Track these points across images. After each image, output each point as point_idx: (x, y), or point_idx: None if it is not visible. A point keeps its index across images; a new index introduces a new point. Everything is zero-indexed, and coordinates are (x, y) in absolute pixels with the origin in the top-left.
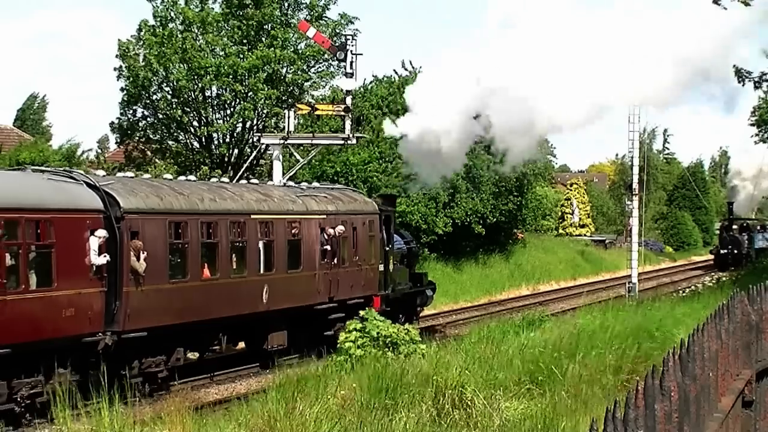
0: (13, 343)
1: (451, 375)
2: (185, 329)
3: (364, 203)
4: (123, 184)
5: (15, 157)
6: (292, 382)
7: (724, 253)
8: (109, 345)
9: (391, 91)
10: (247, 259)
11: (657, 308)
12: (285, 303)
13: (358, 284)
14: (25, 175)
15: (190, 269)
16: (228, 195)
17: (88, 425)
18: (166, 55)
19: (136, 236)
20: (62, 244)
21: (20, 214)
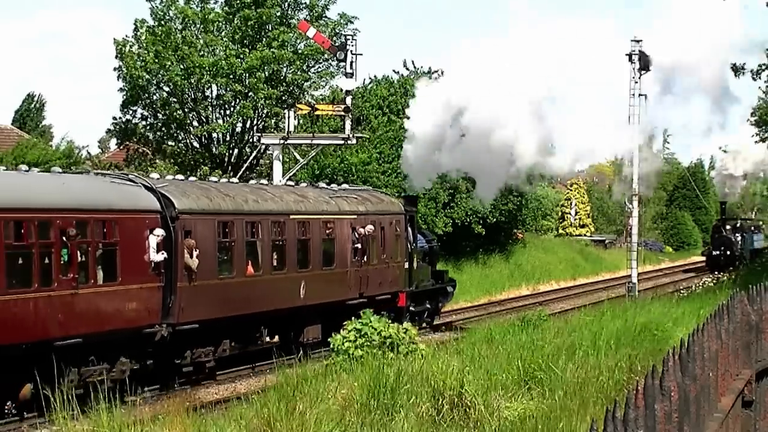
0: (84, 333)
1: (450, 375)
2: (231, 322)
3: (391, 204)
4: (176, 186)
5: (20, 157)
6: (292, 382)
7: (716, 255)
8: (165, 336)
9: (392, 92)
10: (286, 256)
11: (657, 308)
12: (320, 298)
13: (386, 281)
14: (91, 178)
15: (236, 266)
16: (269, 196)
17: (87, 426)
18: (162, 53)
19: (189, 235)
20: (125, 242)
21: (89, 215)
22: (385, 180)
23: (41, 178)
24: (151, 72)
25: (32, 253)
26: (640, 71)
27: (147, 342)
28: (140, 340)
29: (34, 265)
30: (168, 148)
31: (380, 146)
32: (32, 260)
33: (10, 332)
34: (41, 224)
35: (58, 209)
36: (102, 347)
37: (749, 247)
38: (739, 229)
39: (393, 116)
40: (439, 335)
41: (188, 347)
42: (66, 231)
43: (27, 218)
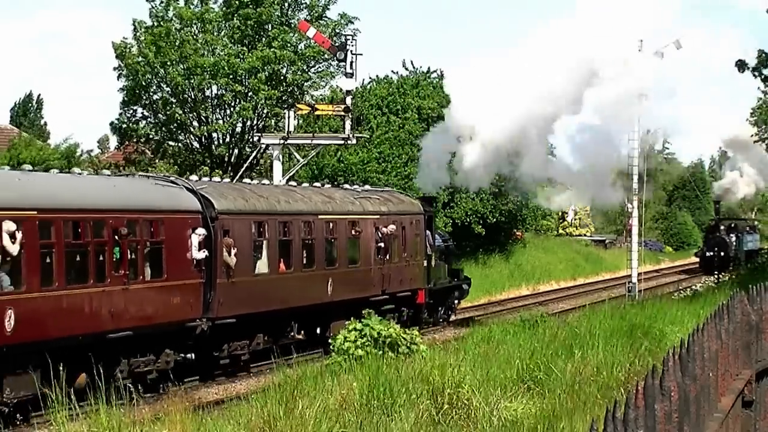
0: (133, 326)
1: (449, 375)
2: (264, 317)
3: (411, 204)
4: (214, 188)
5: (15, 155)
6: (292, 382)
7: (709, 256)
8: (205, 330)
9: (391, 91)
10: (315, 255)
11: (657, 308)
12: (346, 295)
13: (406, 278)
14: (137, 180)
15: (270, 263)
16: (298, 197)
17: (86, 426)
18: (163, 52)
19: (227, 234)
20: (170, 241)
21: (138, 215)
22: (385, 180)
23: (95, 181)
24: (152, 72)
25: (88, 251)
26: None
27: (188, 335)
28: (183, 333)
29: (90, 263)
30: (168, 148)
31: (380, 146)
32: (88, 258)
33: (69, 325)
34: (96, 224)
35: (111, 210)
36: (149, 340)
37: (744, 248)
38: (733, 229)
39: (392, 116)
40: (440, 335)
41: (226, 341)
42: (118, 230)
43: (83, 218)
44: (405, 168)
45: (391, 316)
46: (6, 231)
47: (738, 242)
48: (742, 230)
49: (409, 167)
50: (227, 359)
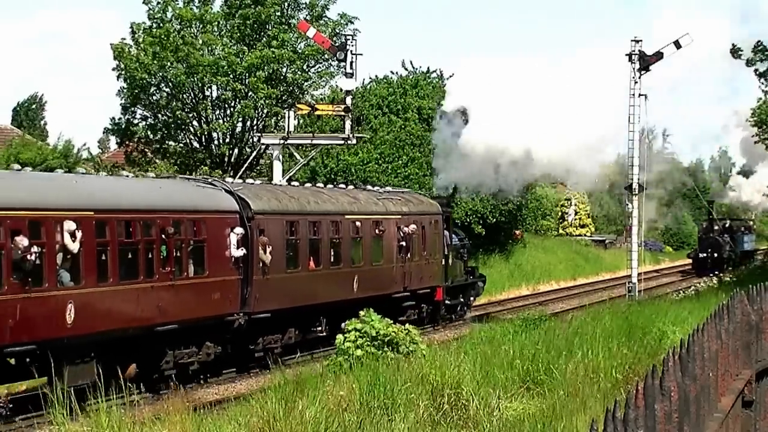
0: (178, 320)
1: (449, 375)
2: (295, 312)
3: (430, 205)
4: (250, 190)
5: (14, 155)
6: (292, 382)
7: (702, 257)
8: (242, 324)
9: (391, 91)
10: (342, 253)
11: (657, 308)
12: (370, 291)
13: (426, 276)
14: (179, 182)
15: (301, 261)
16: (326, 198)
17: (86, 426)
18: (161, 54)
19: (262, 233)
20: (211, 239)
21: (183, 215)
22: (385, 180)
23: (143, 183)
24: (151, 72)
25: (138, 249)
26: (640, 71)
27: (227, 329)
28: (222, 327)
29: (140, 260)
30: (168, 148)
31: (381, 147)
32: (138, 255)
33: (121, 318)
34: (145, 223)
35: (158, 210)
36: (192, 333)
37: (739, 249)
38: (728, 229)
39: (393, 116)
40: (440, 335)
41: (260, 334)
42: (165, 229)
43: (134, 218)
44: (405, 168)
45: (412, 312)
46: (67, 230)
47: (732, 243)
48: (737, 230)
49: (409, 167)
50: (261, 352)
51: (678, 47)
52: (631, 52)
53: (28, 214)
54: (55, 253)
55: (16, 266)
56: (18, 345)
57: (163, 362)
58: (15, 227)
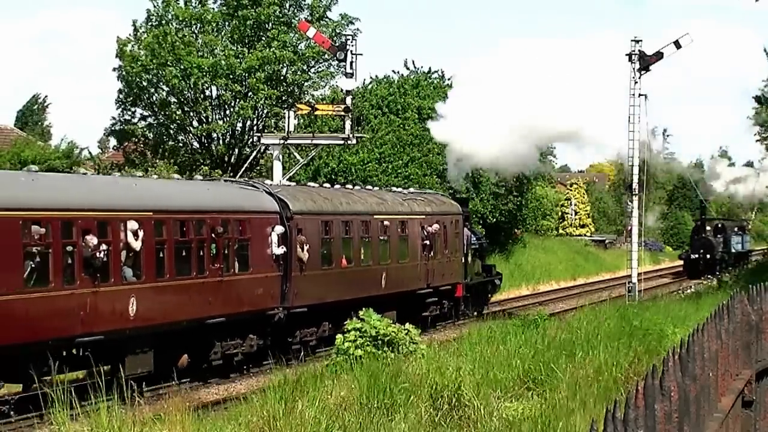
0: (226, 313)
1: (448, 375)
2: (328, 307)
3: (451, 205)
4: (288, 191)
5: (17, 155)
6: (292, 382)
7: (694, 259)
8: (282, 318)
9: (391, 91)
10: (371, 251)
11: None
12: (396, 288)
13: (447, 273)
14: (224, 184)
15: (334, 259)
16: (356, 199)
17: (86, 426)
18: (159, 54)
19: (300, 232)
20: (255, 238)
21: (229, 216)
22: (385, 180)
23: (194, 185)
24: (150, 72)
25: (191, 247)
26: (640, 71)
27: (268, 322)
28: (263, 320)
29: (192, 257)
30: (168, 148)
31: (382, 147)
32: (191, 253)
33: (176, 311)
34: (197, 223)
35: (209, 211)
36: (237, 325)
37: (732, 250)
38: (720, 230)
39: (393, 116)
40: (440, 335)
41: (298, 328)
42: (214, 229)
43: (188, 219)
44: (405, 168)
45: (434, 308)
46: (130, 230)
47: (725, 244)
48: (729, 231)
49: (409, 167)
50: (298, 344)
51: (678, 47)
52: (631, 52)
53: (97, 215)
54: (119, 250)
55: (86, 263)
56: (88, 335)
57: (212, 353)
58: (85, 227)
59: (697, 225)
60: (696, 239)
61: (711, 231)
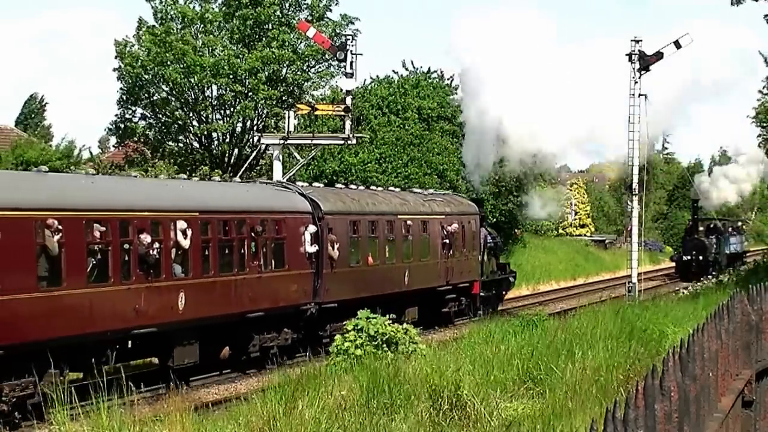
0: (264, 308)
1: (448, 375)
2: (356, 303)
3: (468, 206)
4: (318, 192)
5: (18, 156)
6: (292, 381)
7: (686, 261)
8: (314, 313)
9: (392, 92)
10: (395, 249)
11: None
12: (418, 285)
13: (465, 271)
14: (261, 186)
15: (361, 257)
16: (381, 200)
17: (86, 425)
18: (160, 53)
19: (331, 231)
20: (290, 237)
21: (267, 215)
22: (385, 180)
23: (234, 187)
24: (150, 72)
25: (233, 246)
26: (640, 71)
27: (301, 317)
28: (297, 315)
29: (234, 255)
30: (167, 148)
31: (381, 147)
32: (233, 251)
33: (220, 306)
34: (238, 223)
35: (248, 211)
36: (274, 319)
37: (726, 251)
38: (714, 230)
39: (393, 116)
40: (439, 335)
41: (328, 322)
42: (254, 228)
43: (230, 219)
44: (405, 168)
45: (453, 304)
46: (179, 229)
47: (719, 245)
48: (723, 231)
49: (409, 167)
50: (328, 338)
51: (678, 47)
52: (631, 52)
53: (150, 215)
54: (170, 248)
55: (141, 260)
56: (142, 328)
57: (251, 346)
58: (140, 226)
59: (689, 225)
60: (688, 240)
61: (704, 231)
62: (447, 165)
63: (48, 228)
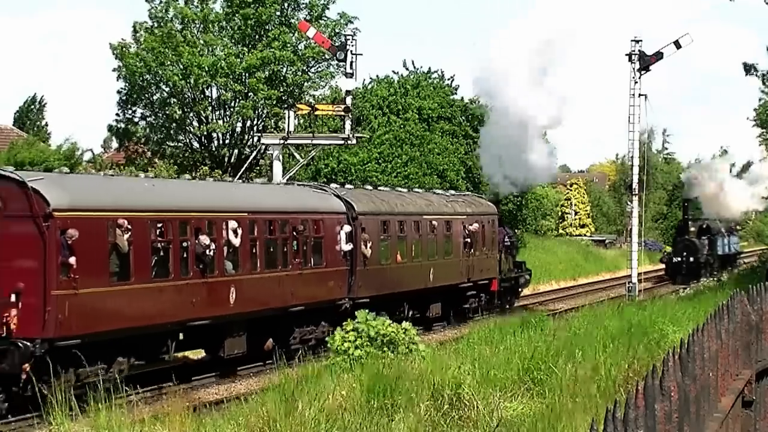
0: (304, 303)
1: (449, 375)
2: (386, 299)
3: (488, 206)
4: (351, 194)
5: (13, 156)
6: (291, 382)
7: (676, 262)
8: (348, 308)
9: (392, 92)
10: (421, 248)
11: (656, 308)
12: (442, 281)
13: (485, 269)
14: (299, 188)
15: (391, 255)
16: (408, 201)
17: (86, 425)
18: (161, 54)
19: (364, 231)
20: (327, 236)
21: (307, 216)
22: (384, 180)
23: (277, 189)
24: (150, 72)
25: (277, 244)
26: (640, 71)
27: (336, 311)
28: (333, 309)
29: (278, 253)
30: (167, 149)
31: (381, 147)
32: (277, 248)
33: (266, 300)
34: (282, 223)
35: (291, 212)
36: (312, 314)
37: (718, 253)
38: (706, 231)
39: (393, 116)
40: (439, 335)
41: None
42: (296, 227)
43: (274, 218)
44: (405, 168)
45: (473, 301)
46: (231, 228)
47: (711, 246)
48: (716, 232)
49: (408, 167)
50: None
51: (678, 47)
52: (631, 52)
53: (205, 215)
54: (222, 246)
55: (197, 257)
56: (198, 320)
57: (292, 338)
58: (197, 226)
59: (680, 225)
60: (678, 241)
61: (695, 232)
62: (447, 165)
63: (119, 227)
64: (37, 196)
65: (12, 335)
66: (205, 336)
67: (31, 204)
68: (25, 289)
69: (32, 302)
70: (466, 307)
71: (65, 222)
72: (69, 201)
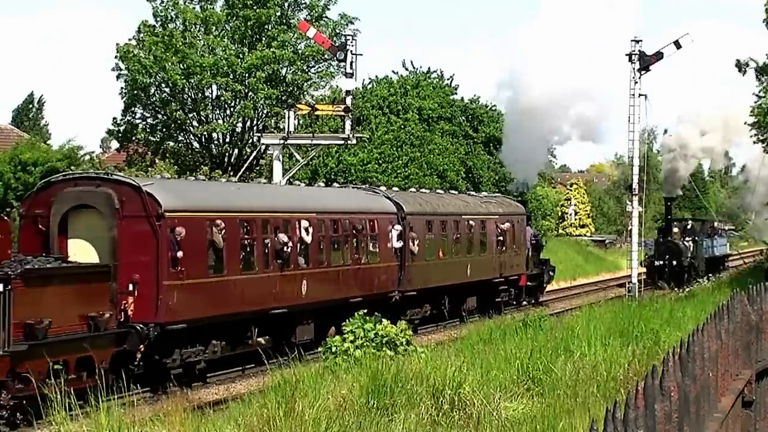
0: (362, 295)
1: (449, 375)
2: (429, 292)
3: (516, 207)
4: (400, 196)
5: (16, 156)
6: (291, 382)
7: (658, 266)
8: (397, 300)
9: (391, 92)
10: (460, 245)
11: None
12: (478, 277)
13: (515, 265)
14: (354, 191)
15: (434, 252)
16: (447, 202)
17: (86, 426)
18: (162, 54)
19: (411, 229)
20: (381, 234)
21: (364, 215)
22: (385, 179)
23: (337, 191)
24: (151, 73)
25: (340, 241)
26: (640, 71)
27: (387, 303)
28: (385, 301)
29: (341, 249)
30: (168, 149)
31: (381, 147)
32: (340, 245)
33: (331, 292)
34: (343, 222)
35: (351, 212)
36: (369, 305)
37: (703, 255)
38: (690, 231)
39: (393, 116)
40: (438, 335)
41: (408, 308)
42: (355, 226)
43: (338, 218)
44: (405, 168)
45: (504, 294)
46: (303, 227)
47: (696, 248)
48: (702, 233)
49: (409, 167)
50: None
51: (678, 47)
52: (631, 52)
53: (282, 215)
54: (296, 243)
55: (276, 253)
56: (277, 309)
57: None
58: (275, 225)
59: (662, 226)
60: (661, 243)
61: (678, 233)
62: (447, 165)
63: (216, 226)
64: (150, 199)
65: (129, 320)
66: (279, 323)
67: (145, 206)
68: (140, 280)
69: (146, 291)
70: (498, 300)
71: (174, 221)
72: (176, 203)
